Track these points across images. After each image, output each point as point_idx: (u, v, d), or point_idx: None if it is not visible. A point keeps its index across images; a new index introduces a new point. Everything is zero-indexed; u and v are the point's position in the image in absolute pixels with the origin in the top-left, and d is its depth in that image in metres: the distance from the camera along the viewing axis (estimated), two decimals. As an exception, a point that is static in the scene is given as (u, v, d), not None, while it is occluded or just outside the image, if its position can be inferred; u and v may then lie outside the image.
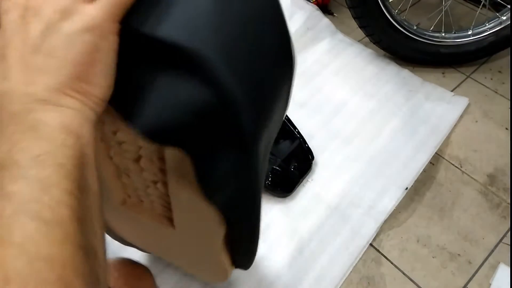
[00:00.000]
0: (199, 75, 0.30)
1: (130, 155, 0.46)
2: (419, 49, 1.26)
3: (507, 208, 1.01)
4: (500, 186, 1.05)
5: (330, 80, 1.23)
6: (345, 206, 0.98)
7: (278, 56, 0.36)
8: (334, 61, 1.28)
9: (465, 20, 1.39)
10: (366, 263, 0.91)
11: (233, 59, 0.31)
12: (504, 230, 0.97)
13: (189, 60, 0.29)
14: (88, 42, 0.27)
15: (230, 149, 0.34)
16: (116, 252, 0.84)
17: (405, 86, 1.23)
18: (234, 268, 0.63)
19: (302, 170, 1.01)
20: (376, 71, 1.26)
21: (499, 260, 0.92)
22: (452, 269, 0.91)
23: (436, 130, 1.13)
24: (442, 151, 1.10)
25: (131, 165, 0.47)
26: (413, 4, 1.40)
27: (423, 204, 1.01)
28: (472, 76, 1.29)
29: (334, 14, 1.46)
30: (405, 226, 0.97)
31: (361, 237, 0.93)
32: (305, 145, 1.04)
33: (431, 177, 1.05)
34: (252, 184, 0.41)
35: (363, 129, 1.12)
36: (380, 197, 0.99)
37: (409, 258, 0.92)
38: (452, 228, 0.97)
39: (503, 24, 1.21)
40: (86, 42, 0.27)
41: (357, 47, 1.33)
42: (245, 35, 0.33)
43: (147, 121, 0.30)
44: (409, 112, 1.17)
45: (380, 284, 0.89)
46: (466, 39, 1.25)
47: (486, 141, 1.13)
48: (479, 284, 0.89)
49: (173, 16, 0.30)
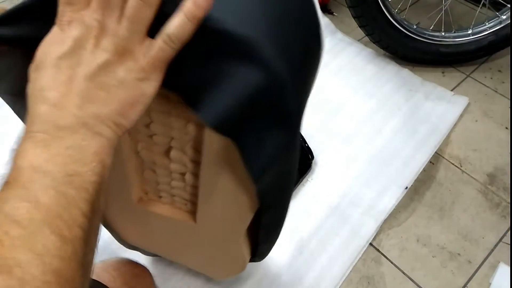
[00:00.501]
0: (253, 61, 0.31)
1: (160, 148, 0.47)
2: (419, 49, 1.26)
3: (507, 208, 1.01)
4: (500, 185, 1.05)
5: (330, 79, 1.23)
6: (345, 206, 0.98)
7: (314, 39, 0.39)
8: (334, 60, 1.28)
9: (465, 20, 1.39)
10: (366, 263, 0.91)
11: (280, 43, 0.33)
12: (504, 230, 0.97)
13: (242, 47, 0.31)
14: (137, 88, 0.31)
15: (278, 131, 0.34)
16: (117, 252, 0.84)
17: (405, 86, 1.23)
18: (250, 258, 0.63)
19: (302, 169, 1.01)
20: (376, 71, 1.26)
21: (499, 260, 0.92)
22: (452, 268, 0.91)
23: (436, 129, 1.13)
24: (442, 151, 1.10)
25: (159, 158, 0.48)
26: (413, 3, 1.40)
27: (423, 203, 1.01)
28: (472, 75, 1.29)
29: (333, 13, 1.46)
30: (405, 226, 0.97)
31: (361, 237, 0.93)
32: (305, 144, 1.04)
33: (431, 176, 1.05)
34: (293, 165, 0.42)
35: (363, 128, 1.12)
36: (380, 196, 0.99)
37: (409, 258, 0.92)
38: (452, 227, 0.97)
39: (503, 24, 1.21)
40: (135, 88, 0.31)
41: (357, 46, 1.33)
42: (287, 19, 0.35)
43: (216, 112, 0.31)
44: (409, 111, 1.17)
45: (380, 283, 0.89)
46: (466, 39, 1.25)
47: (486, 141, 1.13)
48: (479, 283, 0.89)
49: (222, 3, 0.31)
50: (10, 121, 0.51)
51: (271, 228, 0.54)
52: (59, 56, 0.30)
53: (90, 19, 0.30)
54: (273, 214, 0.49)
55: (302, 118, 0.38)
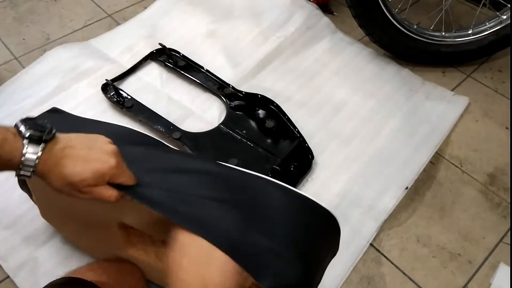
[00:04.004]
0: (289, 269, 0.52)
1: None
2: (419, 48, 1.26)
3: (507, 208, 1.01)
4: (500, 185, 1.04)
5: (330, 79, 1.23)
6: (345, 206, 0.97)
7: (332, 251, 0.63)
8: (334, 60, 1.28)
9: (465, 19, 1.39)
10: (366, 263, 0.91)
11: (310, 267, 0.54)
12: (504, 230, 0.97)
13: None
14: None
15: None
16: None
17: (405, 86, 1.23)
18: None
19: (302, 169, 1.01)
20: (376, 71, 1.26)
21: (499, 260, 0.92)
22: (452, 268, 0.91)
23: (436, 129, 1.13)
24: (442, 151, 1.10)
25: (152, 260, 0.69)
26: (413, 3, 1.40)
27: (423, 203, 1.01)
28: (472, 75, 1.29)
29: (334, 13, 1.46)
30: (405, 226, 0.97)
31: (361, 237, 0.93)
32: (305, 144, 1.04)
33: (431, 176, 1.05)
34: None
35: (363, 128, 1.12)
36: (380, 196, 0.99)
37: (409, 258, 0.92)
38: (452, 227, 0.97)
39: (503, 23, 1.21)
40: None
41: (357, 46, 1.32)
42: (317, 247, 0.57)
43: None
44: (409, 111, 1.16)
45: (380, 283, 0.89)
46: (466, 38, 1.25)
47: (486, 141, 1.13)
48: (479, 283, 0.89)
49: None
50: (10, 121, 0.51)
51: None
52: None
53: None
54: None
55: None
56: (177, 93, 1.16)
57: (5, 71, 1.23)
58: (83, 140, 0.53)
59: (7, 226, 0.91)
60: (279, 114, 1.09)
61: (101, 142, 0.53)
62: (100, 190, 0.52)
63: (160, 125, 1.05)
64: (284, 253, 0.51)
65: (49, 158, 0.49)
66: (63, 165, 0.49)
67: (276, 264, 0.51)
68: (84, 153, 0.51)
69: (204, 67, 1.20)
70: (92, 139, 0.54)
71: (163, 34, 1.30)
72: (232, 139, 1.05)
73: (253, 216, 0.54)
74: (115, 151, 0.53)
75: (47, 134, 0.49)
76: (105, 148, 0.52)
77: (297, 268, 0.52)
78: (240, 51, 1.26)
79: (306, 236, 0.55)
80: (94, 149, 0.51)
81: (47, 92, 1.13)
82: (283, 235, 0.53)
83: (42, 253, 0.88)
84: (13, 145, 0.48)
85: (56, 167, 0.49)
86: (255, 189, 0.58)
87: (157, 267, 0.69)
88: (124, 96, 1.12)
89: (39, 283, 0.83)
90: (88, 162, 0.50)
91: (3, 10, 1.41)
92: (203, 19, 1.34)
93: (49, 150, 0.49)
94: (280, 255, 0.51)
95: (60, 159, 0.49)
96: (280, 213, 0.56)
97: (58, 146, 0.50)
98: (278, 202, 0.57)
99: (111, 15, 1.42)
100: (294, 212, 0.57)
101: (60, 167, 0.49)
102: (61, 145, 0.50)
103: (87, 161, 0.50)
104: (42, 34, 1.35)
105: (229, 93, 1.15)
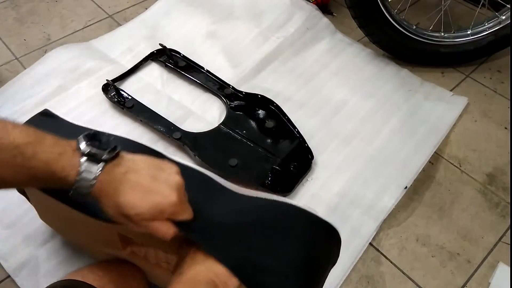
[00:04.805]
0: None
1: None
2: (418, 49, 1.26)
3: (506, 207, 1.01)
4: (499, 185, 1.05)
5: (330, 79, 1.23)
6: (345, 206, 0.98)
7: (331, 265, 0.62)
8: (334, 61, 1.28)
9: (464, 20, 1.39)
10: (365, 262, 0.91)
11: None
12: (503, 229, 0.98)
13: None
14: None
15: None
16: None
17: (405, 86, 1.23)
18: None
19: (302, 169, 1.01)
20: (375, 71, 1.27)
21: (498, 259, 0.93)
22: (451, 268, 0.92)
23: (436, 129, 1.13)
24: (442, 151, 1.11)
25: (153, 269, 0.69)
26: (412, 4, 1.40)
27: (422, 203, 1.01)
28: (472, 75, 1.30)
29: (333, 14, 1.46)
30: (404, 226, 0.97)
31: (360, 237, 0.93)
32: (305, 144, 1.04)
33: (430, 176, 1.06)
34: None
35: (363, 128, 1.12)
36: (379, 196, 1.00)
37: (408, 257, 0.93)
38: (452, 227, 0.97)
39: (502, 24, 1.21)
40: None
41: (356, 47, 1.33)
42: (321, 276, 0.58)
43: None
44: (409, 111, 1.17)
45: (380, 283, 0.89)
46: (465, 39, 1.25)
47: (485, 141, 1.13)
48: (478, 283, 0.90)
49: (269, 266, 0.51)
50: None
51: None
52: None
53: None
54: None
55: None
56: (178, 93, 1.17)
57: (6, 72, 1.24)
58: (149, 166, 0.47)
59: (7, 225, 0.91)
60: (279, 114, 1.10)
61: (168, 171, 0.48)
62: (157, 225, 0.46)
63: (160, 125, 1.06)
64: (285, 270, 0.51)
65: (107, 180, 0.45)
66: (120, 192, 0.44)
67: (276, 280, 0.50)
68: (147, 182, 0.45)
69: (204, 68, 1.20)
70: (159, 166, 0.48)
71: (164, 35, 1.30)
72: (232, 139, 1.05)
73: (254, 233, 0.53)
74: (180, 184, 0.47)
75: (109, 153, 0.45)
76: (170, 180, 0.47)
77: (298, 285, 0.51)
78: (240, 51, 1.27)
79: (307, 253, 0.54)
80: (158, 180, 0.46)
81: (48, 92, 1.13)
82: (284, 252, 0.52)
83: (42, 253, 0.88)
84: (69, 161, 0.44)
85: (113, 192, 0.45)
86: (259, 208, 0.57)
87: (158, 269, 0.69)
88: (125, 97, 1.12)
89: (40, 282, 0.84)
90: (149, 194, 0.45)
91: (4, 10, 1.42)
92: (204, 19, 1.35)
93: (108, 171, 0.45)
94: (280, 272, 0.50)
95: (119, 183, 0.45)
96: (281, 231, 0.55)
97: (120, 170, 0.45)
98: (281, 219, 0.56)
99: (112, 16, 1.42)
100: (295, 230, 0.56)
101: (116, 194, 0.44)
102: (123, 169, 0.46)
103: (147, 192, 0.45)
104: (43, 34, 1.35)
105: (229, 93, 1.15)
